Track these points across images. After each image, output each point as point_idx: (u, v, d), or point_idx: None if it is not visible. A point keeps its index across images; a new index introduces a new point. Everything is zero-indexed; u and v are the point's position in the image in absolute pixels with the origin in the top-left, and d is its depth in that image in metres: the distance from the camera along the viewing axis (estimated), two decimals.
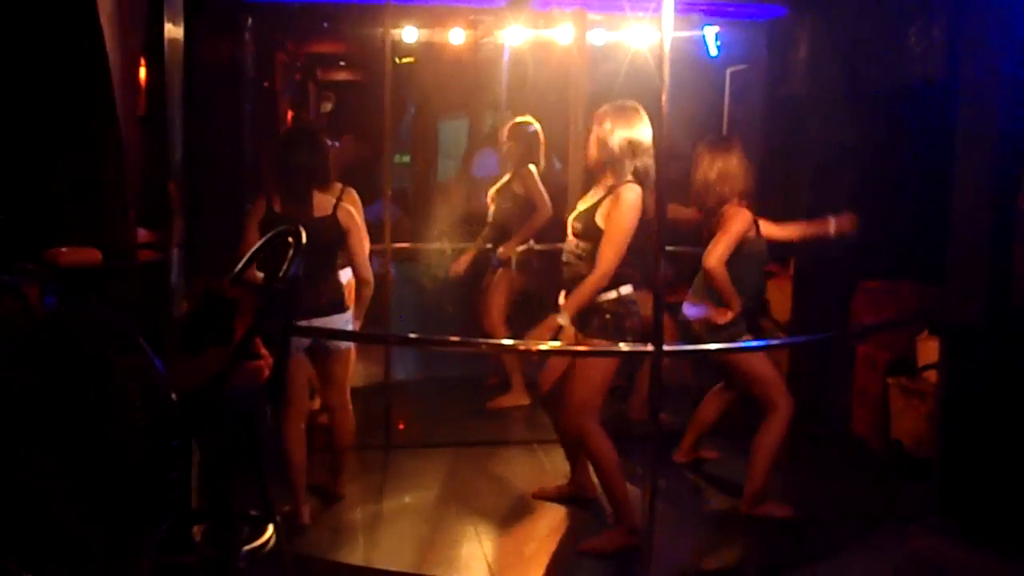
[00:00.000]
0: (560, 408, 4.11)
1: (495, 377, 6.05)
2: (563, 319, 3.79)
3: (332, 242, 4.04)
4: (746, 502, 4.21)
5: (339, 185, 4.28)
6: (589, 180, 4.03)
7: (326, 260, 4.05)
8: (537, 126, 5.76)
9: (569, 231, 4.00)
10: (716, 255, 4.14)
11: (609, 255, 3.77)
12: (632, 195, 3.78)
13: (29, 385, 0.96)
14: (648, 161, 3.83)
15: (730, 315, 4.17)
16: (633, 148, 3.82)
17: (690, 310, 4.35)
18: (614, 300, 3.85)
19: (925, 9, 5.10)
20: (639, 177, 3.82)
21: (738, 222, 4.19)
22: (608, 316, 3.84)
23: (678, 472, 4.70)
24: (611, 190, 3.82)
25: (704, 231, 4.34)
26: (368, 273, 4.19)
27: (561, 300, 4.01)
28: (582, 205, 3.98)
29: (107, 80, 3.63)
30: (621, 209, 3.77)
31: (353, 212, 4.12)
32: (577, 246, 3.91)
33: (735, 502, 4.27)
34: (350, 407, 4.24)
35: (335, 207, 4.03)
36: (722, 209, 4.25)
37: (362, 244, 4.16)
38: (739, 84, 6.73)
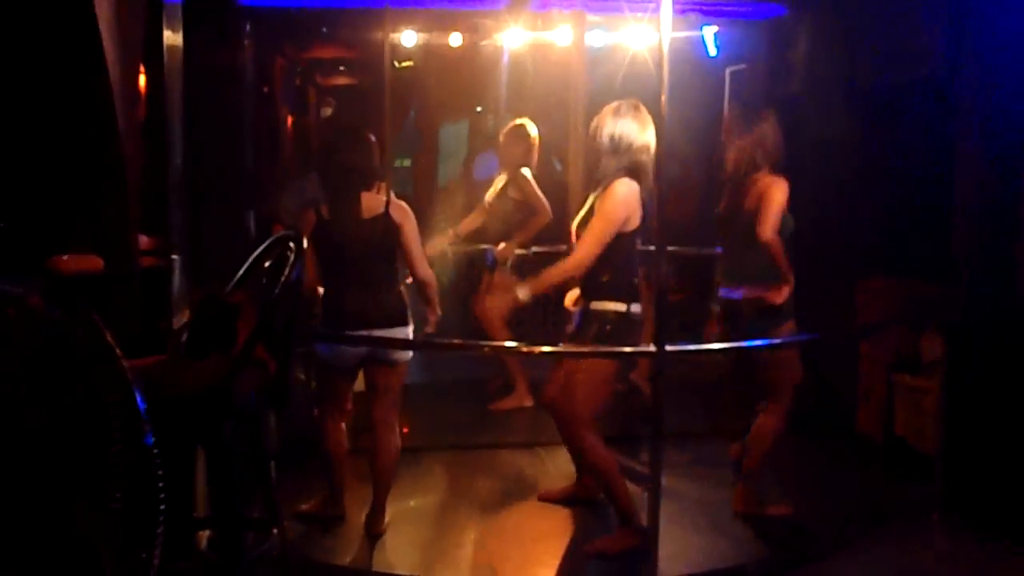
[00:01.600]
0: (558, 415, 4.01)
1: (498, 380, 6.04)
2: (522, 293, 3.74)
3: (389, 244, 3.88)
4: (748, 501, 4.20)
5: (379, 183, 4.14)
6: (590, 181, 4.01)
7: (386, 265, 3.92)
8: (534, 128, 5.75)
9: (573, 238, 3.96)
10: (770, 227, 3.91)
11: (588, 241, 3.70)
12: (623, 188, 3.73)
13: (28, 392, 0.96)
14: (642, 158, 3.78)
15: (786, 291, 3.98)
16: (626, 144, 3.77)
17: (735, 292, 4.10)
18: (622, 313, 3.77)
19: (924, 7, 5.10)
20: (634, 173, 3.78)
21: (780, 191, 3.99)
22: (608, 327, 3.76)
23: (681, 473, 4.69)
24: (605, 188, 3.79)
25: (728, 202, 4.18)
26: (427, 270, 3.99)
27: (568, 300, 4.01)
28: (583, 211, 3.94)
29: (106, 87, 3.63)
30: (609, 199, 3.72)
31: (404, 207, 3.95)
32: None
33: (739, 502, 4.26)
34: (396, 428, 4.03)
35: (387, 204, 3.88)
36: (753, 177, 4.05)
37: (417, 240, 3.95)
38: (739, 84, 6.72)
